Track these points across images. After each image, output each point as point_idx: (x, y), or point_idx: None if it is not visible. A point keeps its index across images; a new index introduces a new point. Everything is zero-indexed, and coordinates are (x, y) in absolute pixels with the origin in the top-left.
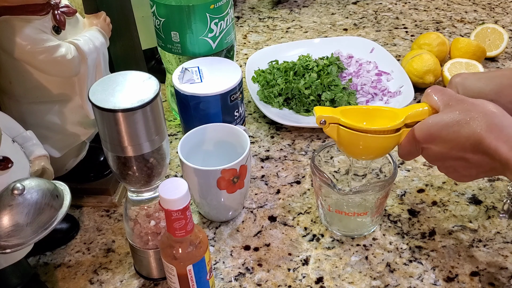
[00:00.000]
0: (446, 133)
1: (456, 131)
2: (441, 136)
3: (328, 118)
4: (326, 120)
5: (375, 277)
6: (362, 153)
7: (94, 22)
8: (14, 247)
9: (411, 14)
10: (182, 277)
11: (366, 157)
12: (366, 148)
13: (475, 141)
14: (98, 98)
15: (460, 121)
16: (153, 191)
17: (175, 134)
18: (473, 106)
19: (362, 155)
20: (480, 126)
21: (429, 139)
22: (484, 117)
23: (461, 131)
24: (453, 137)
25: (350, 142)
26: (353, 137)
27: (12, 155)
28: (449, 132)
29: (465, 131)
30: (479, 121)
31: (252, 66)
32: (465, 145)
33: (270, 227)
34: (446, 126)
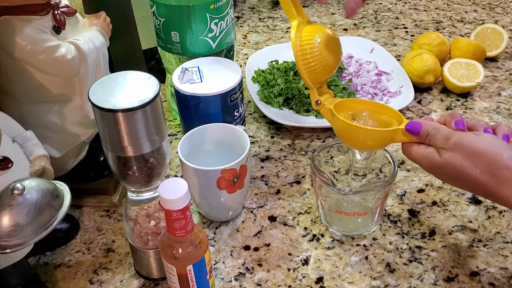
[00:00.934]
0: (483, 158)
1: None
2: (478, 156)
3: (323, 100)
4: (322, 102)
5: (375, 277)
6: (354, 143)
7: (94, 22)
8: (14, 247)
9: (411, 14)
10: (182, 277)
11: (358, 147)
12: (356, 139)
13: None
14: (98, 98)
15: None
16: (153, 191)
17: (175, 134)
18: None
19: (354, 144)
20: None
21: (464, 149)
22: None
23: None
24: (484, 167)
25: (341, 130)
26: (343, 125)
27: (12, 155)
28: (483, 159)
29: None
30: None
31: (252, 66)
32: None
33: (270, 227)
34: (486, 152)
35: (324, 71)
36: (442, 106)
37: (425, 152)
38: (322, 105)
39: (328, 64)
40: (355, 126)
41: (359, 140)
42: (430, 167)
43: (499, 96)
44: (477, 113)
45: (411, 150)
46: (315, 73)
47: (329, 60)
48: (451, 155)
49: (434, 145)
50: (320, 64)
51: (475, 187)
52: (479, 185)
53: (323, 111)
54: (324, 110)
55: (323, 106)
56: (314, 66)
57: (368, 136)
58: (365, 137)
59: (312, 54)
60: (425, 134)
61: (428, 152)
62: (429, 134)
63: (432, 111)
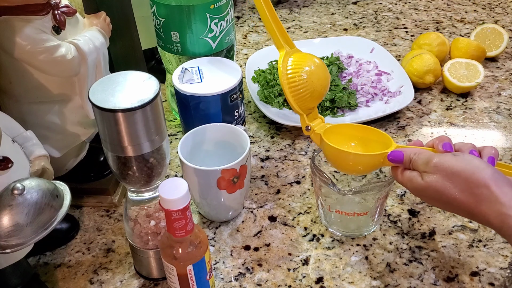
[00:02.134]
0: (461, 177)
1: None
2: (457, 176)
3: (313, 126)
4: (312, 127)
5: (375, 277)
6: (343, 167)
7: (94, 22)
8: (14, 247)
9: (411, 14)
10: (182, 277)
11: (348, 172)
12: (345, 164)
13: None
14: (98, 98)
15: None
16: (153, 191)
17: (175, 134)
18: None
19: (342, 168)
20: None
21: (443, 171)
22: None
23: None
24: (463, 187)
25: (330, 155)
26: (332, 151)
27: (12, 155)
28: (461, 178)
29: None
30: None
31: (252, 66)
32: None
33: (270, 227)
34: (463, 171)
35: (311, 98)
36: (442, 106)
37: (409, 176)
38: (312, 130)
39: (315, 91)
40: (344, 152)
41: (348, 165)
42: (414, 190)
43: (499, 96)
44: (477, 113)
45: (398, 174)
46: (303, 100)
47: (316, 87)
48: (432, 178)
49: (417, 169)
50: (307, 92)
51: (457, 208)
52: (460, 205)
53: (313, 137)
54: (314, 135)
55: (313, 131)
56: (302, 93)
57: (357, 160)
58: (354, 162)
59: (299, 81)
60: (408, 160)
61: (412, 176)
62: (412, 160)
63: (432, 111)
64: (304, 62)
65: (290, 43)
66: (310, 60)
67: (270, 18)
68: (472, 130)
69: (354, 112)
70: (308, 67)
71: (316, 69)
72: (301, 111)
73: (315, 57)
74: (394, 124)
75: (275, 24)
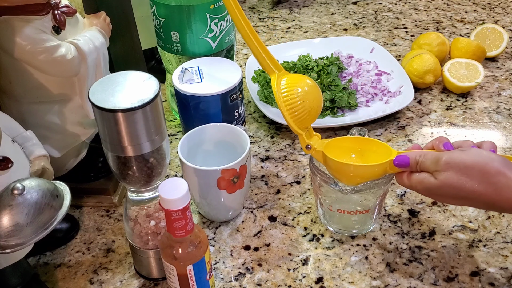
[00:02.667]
0: (475, 170)
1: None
2: (470, 169)
3: (312, 144)
4: (312, 146)
5: (375, 277)
6: (349, 180)
7: (94, 22)
8: (14, 247)
9: (411, 14)
10: (182, 277)
11: (353, 184)
12: (351, 176)
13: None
14: (98, 98)
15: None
16: (153, 191)
17: (175, 134)
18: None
19: (348, 181)
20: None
21: (456, 167)
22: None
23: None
24: (479, 179)
25: (336, 169)
26: (338, 165)
27: (12, 155)
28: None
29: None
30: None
31: (252, 66)
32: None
33: (270, 227)
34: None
35: (309, 117)
36: (442, 106)
37: (419, 178)
38: (313, 148)
39: (312, 110)
40: (351, 165)
41: (354, 177)
42: (426, 191)
43: (499, 96)
44: (477, 113)
45: (404, 179)
46: (301, 120)
47: (313, 106)
48: (446, 175)
49: (426, 170)
50: (305, 112)
51: (477, 201)
52: (480, 197)
53: (314, 155)
54: (315, 153)
55: (314, 149)
56: (299, 114)
57: (364, 172)
58: (360, 174)
59: (296, 103)
60: (414, 163)
61: (422, 177)
62: (418, 162)
63: (432, 111)
64: (298, 83)
65: (278, 67)
66: (303, 82)
67: (257, 46)
68: (472, 130)
69: (354, 112)
70: (301, 88)
71: (310, 89)
72: (300, 131)
73: (306, 77)
74: (394, 124)
75: (263, 51)
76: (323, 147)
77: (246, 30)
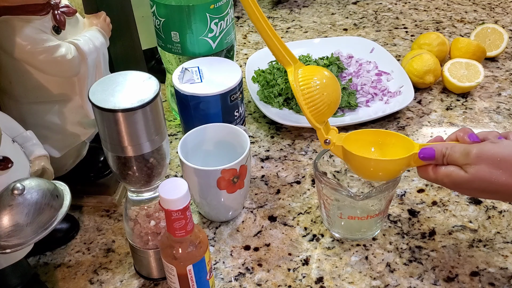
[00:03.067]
0: (509, 163)
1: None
2: (504, 162)
3: (331, 138)
4: (331, 140)
5: (375, 277)
6: (370, 175)
7: (94, 22)
8: (14, 247)
9: (411, 14)
10: (182, 277)
11: (378, 179)
12: (373, 171)
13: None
14: (98, 98)
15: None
16: (153, 191)
17: (175, 134)
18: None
19: (370, 177)
20: None
21: (488, 159)
22: None
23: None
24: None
25: (357, 164)
26: (360, 160)
27: (12, 155)
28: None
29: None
30: None
31: (252, 66)
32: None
33: (270, 227)
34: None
35: (328, 110)
36: (442, 106)
37: (446, 172)
38: (332, 143)
39: (332, 103)
40: (373, 160)
41: (376, 172)
42: (454, 184)
43: (499, 96)
44: (477, 113)
45: (429, 172)
46: (321, 113)
47: (332, 98)
48: (477, 169)
49: (454, 163)
50: (324, 104)
51: (508, 194)
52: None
53: (333, 150)
54: (334, 148)
55: (333, 144)
56: (319, 107)
57: (386, 167)
58: (383, 169)
59: (315, 96)
60: (441, 156)
61: (451, 171)
62: (445, 155)
63: (432, 111)
64: (315, 75)
65: (294, 59)
66: (320, 73)
67: (272, 37)
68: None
69: (354, 112)
70: (319, 80)
71: (328, 81)
72: (318, 125)
73: (324, 69)
74: (394, 124)
75: (279, 43)
76: (342, 141)
77: (260, 21)
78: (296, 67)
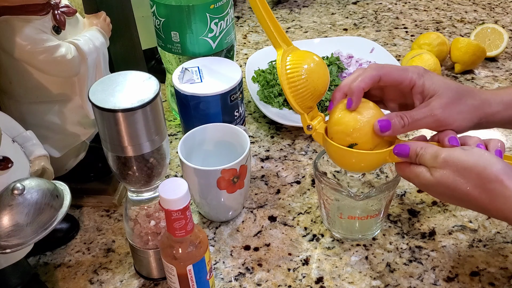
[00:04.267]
0: (473, 173)
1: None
2: (468, 171)
3: (314, 125)
4: (313, 126)
5: (375, 277)
6: (346, 165)
7: (94, 22)
8: (14, 247)
9: (411, 14)
10: (182, 277)
11: (353, 170)
12: (351, 162)
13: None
14: (98, 98)
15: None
16: (153, 191)
17: (175, 134)
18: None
19: (345, 167)
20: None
21: (454, 166)
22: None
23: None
24: (476, 183)
25: (333, 153)
26: (335, 149)
27: (12, 155)
28: (474, 173)
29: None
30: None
31: (252, 66)
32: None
33: (270, 227)
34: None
35: (312, 96)
36: None
37: (416, 171)
38: (314, 129)
39: (316, 90)
40: (348, 150)
41: (352, 163)
42: (422, 186)
43: None
44: None
45: (403, 169)
46: (304, 99)
47: (316, 85)
48: (442, 173)
49: (424, 164)
50: (308, 91)
51: (470, 204)
52: (473, 201)
53: (315, 136)
54: (316, 134)
55: (314, 130)
56: (302, 92)
57: (362, 158)
58: (358, 160)
59: (299, 81)
60: (414, 155)
61: (419, 171)
62: (418, 154)
63: None
64: (304, 60)
65: (287, 41)
66: (309, 58)
67: (266, 17)
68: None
69: None
70: (307, 65)
71: (315, 67)
72: (302, 110)
73: (314, 54)
74: None
75: (271, 23)
76: (324, 129)
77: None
78: (286, 51)
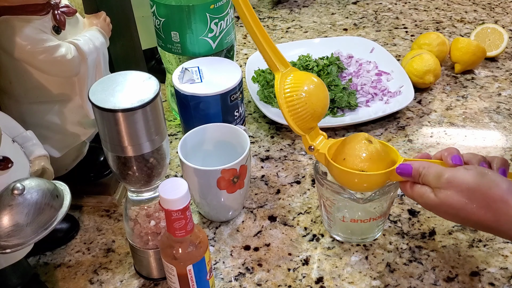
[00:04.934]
0: (477, 193)
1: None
2: (472, 192)
3: (316, 145)
4: (315, 147)
5: (375, 277)
6: (351, 186)
7: (94, 22)
8: (14, 247)
9: (411, 14)
10: (182, 277)
11: (356, 190)
12: (354, 183)
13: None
14: (98, 98)
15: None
16: (153, 191)
17: (175, 134)
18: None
19: (351, 187)
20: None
21: (458, 187)
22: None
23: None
24: (480, 203)
25: (335, 174)
26: (337, 171)
27: (12, 155)
28: (479, 194)
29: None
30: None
31: (252, 66)
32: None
33: (270, 227)
34: (479, 186)
35: (312, 118)
36: (442, 106)
37: (420, 191)
38: (316, 150)
39: (315, 111)
40: (350, 172)
41: (355, 183)
42: (426, 205)
43: (499, 96)
44: (477, 113)
45: (407, 189)
46: (304, 120)
47: (316, 107)
48: (446, 194)
49: (428, 184)
50: (307, 113)
51: (475, 223)
52: (479, 221)
53: (317, 156)
54: (318, 155)
55: (316, 151)
56: (302, 115)
57: (364, 179)
58: (360, 181)
59: (299, 103)
60: (417, 175)
61: (423, 192)
62: (421, 174)
63: (432, 111)
64: (302, 82)
65: (285, 63)
66: (308, 80)
67: (263, 41)
68: (472, 130)
69: (354, 112)
70: (306, 86)
71: (315, 89)
72: (302, 131)
73: (312, 75)
74: (394, 124)
75: (268, 47)
76: (327, 150)
77: (250, 24)
78: (285, 74)
